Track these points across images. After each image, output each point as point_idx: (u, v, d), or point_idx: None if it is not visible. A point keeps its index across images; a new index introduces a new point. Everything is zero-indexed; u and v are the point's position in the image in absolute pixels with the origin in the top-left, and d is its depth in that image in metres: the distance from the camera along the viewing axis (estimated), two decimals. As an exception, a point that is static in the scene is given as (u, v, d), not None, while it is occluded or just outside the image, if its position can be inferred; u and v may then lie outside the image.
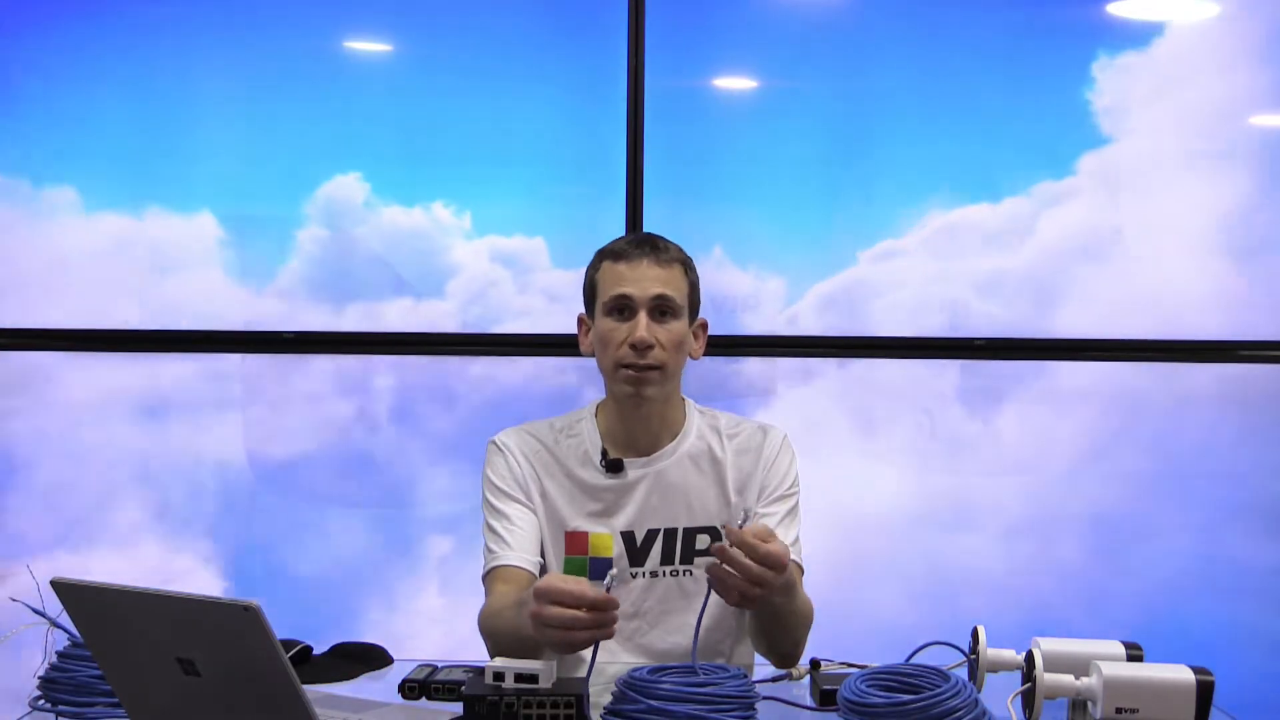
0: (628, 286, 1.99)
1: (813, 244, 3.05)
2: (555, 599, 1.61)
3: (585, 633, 1.61)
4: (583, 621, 1.60)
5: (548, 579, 1.65)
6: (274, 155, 3.06)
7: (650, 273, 1.99)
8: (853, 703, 1.52)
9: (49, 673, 1.67)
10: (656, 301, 1.98)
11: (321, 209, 3.06)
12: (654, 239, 2.05)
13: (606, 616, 1.61)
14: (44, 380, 3.09)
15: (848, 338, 3.04)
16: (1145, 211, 3.01)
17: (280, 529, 3.10)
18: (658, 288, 1.99)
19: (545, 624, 1.61)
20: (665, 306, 1.99)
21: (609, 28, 2.99)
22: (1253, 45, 3.01)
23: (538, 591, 1.63)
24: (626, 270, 2.00)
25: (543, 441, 2.08)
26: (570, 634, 1.61)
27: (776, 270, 3.04)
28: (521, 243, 3.06)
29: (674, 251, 2.04)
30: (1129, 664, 1.63)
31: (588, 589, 1.61)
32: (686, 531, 2.05)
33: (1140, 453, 3.04)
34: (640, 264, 2.00)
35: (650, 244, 2.03)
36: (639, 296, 1.98)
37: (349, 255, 3.07)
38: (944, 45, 3.03)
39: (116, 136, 3.05)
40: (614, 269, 2.01)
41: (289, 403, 3.09)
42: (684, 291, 2.02)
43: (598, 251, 2.07)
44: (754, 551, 1.68)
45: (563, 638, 1.61)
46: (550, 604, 1.61)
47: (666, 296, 1.99)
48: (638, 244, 2.03)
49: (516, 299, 3.06)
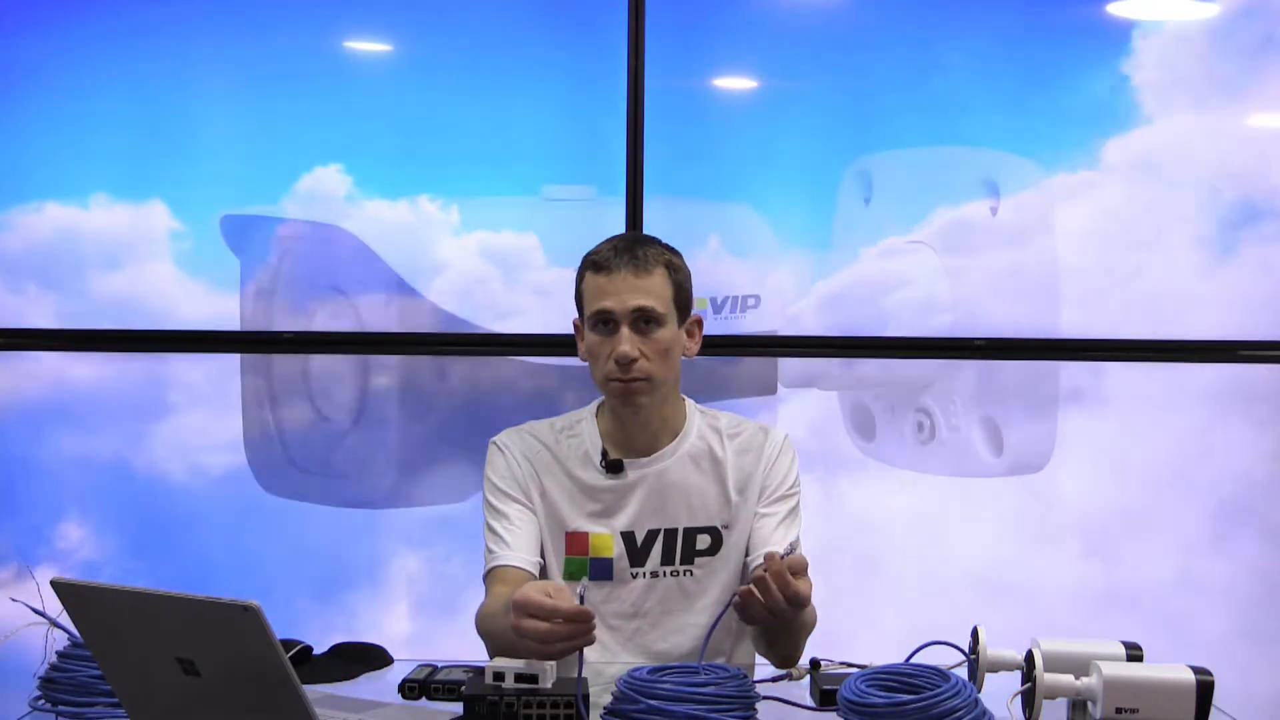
0: (607, 300, 1.97)
1: (813, 244, 3.05)
2: (531, 612, 1.62)
3: (563, 644, 1.62)
4: (559, 634, 1.62)
5: (525, 591, 1.66)
6: (268, 151, 3.06)
7: (629, 284, 1.96)
8: (853, 703, 1.52)
9: (49, 673, 1.67)
10: (637, 314, 1.96)
11: (303, 202, 3.06)
12: (635, 244, 2.02)
13: (582, 628, 1.62)
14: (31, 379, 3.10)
15: (849, 337, 3.04)
16: (1147, 212, 3.01)
17: (280, 529, 3.10)
18: (637, 299, 1.96)
19: (523, 636, 1.63)
20: (647, 317, 1.97)
21: (609, 28, 2.99)
22: (1254, 46, 3.01)
23: (515, 604, 1.64)
24: (606, 283, 1.98)
25: (543, 442, 2.08)
26: (548, 647, 1.62)
27: (776, 270, 3.04)
28: (518, 241, 3.06)
29: (654, 255, 2.00)
30: (1129, 664, 1.63)
31: (563, 602, 1.62)
32: (687, 532, 2.05)
33: (1140, 452, 3.04)
34: (618, 275, 1.97)
35: (629, 252, 1.99)
36: (619, 310, 1.96)
37: (348, 254, 3.07)
38: (944, 45, 3.03)
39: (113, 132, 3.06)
40: (595, 281, 1.99)
41: (278, 400, 3.09)
42: (667, 297, 2.00)
43: (584, 257, 2.05)
44: (786, 588, 1.70)
45: (540, 651, 1.63)
46: (527, 617, 1.63)
47: (646, 308, 1.96)
48: (617, 253, 1.99)
49: (518, 299, 3.06)
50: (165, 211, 3.05)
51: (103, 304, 3.07)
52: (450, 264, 3.06)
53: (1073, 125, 3.01)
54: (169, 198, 3.06)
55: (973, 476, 3.06)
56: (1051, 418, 3.04)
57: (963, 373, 3.04)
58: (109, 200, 3.06)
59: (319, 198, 3.06)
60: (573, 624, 1.62)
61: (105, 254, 3.07)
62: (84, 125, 3.05)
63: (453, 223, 3.06)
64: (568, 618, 1.61)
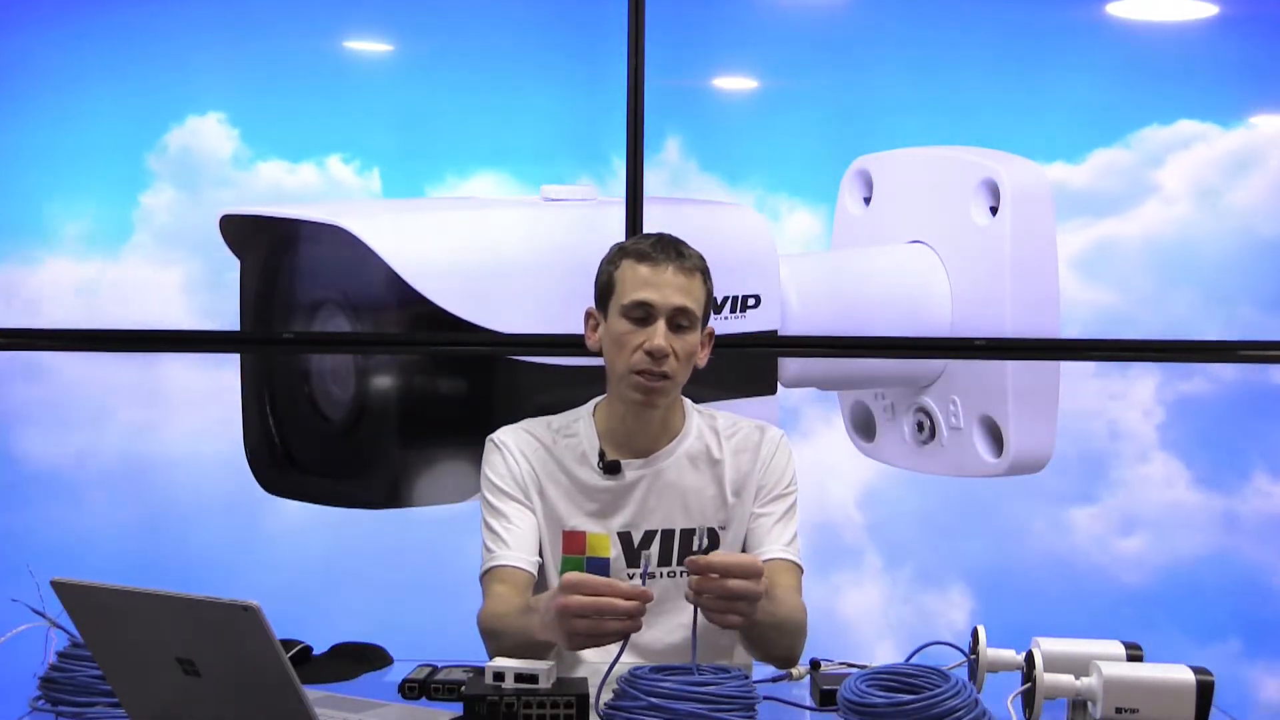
0: (650, 293, 1.97)
1: (812, 243, 3.05)
2: (586, 590, 1.61)
3: (615, 623, 1.61)
4: (617, 609, 1.60)
5: (575, 574, 1.65)
6: (268, 151, 3.06)
7: (674, 280, 1.97)
8: (853, 703, 1.52)
9: (49, 673, 1.67)
10: (676, 312, 1.97)
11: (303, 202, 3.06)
12: (677, 243, 2.02)
13: (639, 608, 1.61)
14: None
15: (849, 337, 3.03)
16: (1148, 212, 3.01)
17: (281, 529, 3.10)
18: (679, 298, 1.97)
19: (575, 614, 1.61)
20: (684, 318, 1.98)
21: (609, 28, 2.99)
22: (1253, 47, 3.01)
23: (566, 583, 1.63)
24: (650, 275, 1.97)
25: (540, 440, 2.08)
26: (600, 623, 1.60)
27: (776, 270, 3.03)
28: (517, 241, 3.06)
29: (695, 260, 2.02)
30: (1129, 664, 1.63)
31: (618, 583, 1.62)
32: (684, 532, 2.05)
33: (1140, 452, 3.04)
34: (664, 270, 1.97)
35: (675, 249, 2.00)
36: (660, 304, 1.96)
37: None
38: (944, 45, 3.03)
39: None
40: (636, 270, 1.99)
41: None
42: (701, 302, 2.01)
43: (617, 247, 2.05)
44: (728, 569, 1.67)
45: (588, 628, 1.61)
46: (581, 594, 1.61)
47: (687, 309, 1.97)
48: (662, 248, 2.00)
49: (518, 300, 3.06)
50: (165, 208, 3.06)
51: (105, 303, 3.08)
52: (450, 264, 3.06)
53: (1073, 125, 3.01)
54: (170, 196, 3.06)
55: (973, 476, 3.06)
56: (1052, 418, 3.04)
57: (963, 373, 3.04)
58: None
59: (319, 198, 3.06)
60: (631, 603, 1.60)
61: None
62: (78, 122, 3.05)
63: (453, 222, 3.06)
64: (627, 596, 1.60)
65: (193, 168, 3.06)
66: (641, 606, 1.61)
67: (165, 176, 3.07)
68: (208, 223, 3.03)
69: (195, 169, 3.06)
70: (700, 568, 1.67)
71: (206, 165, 3.07)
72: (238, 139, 3.06)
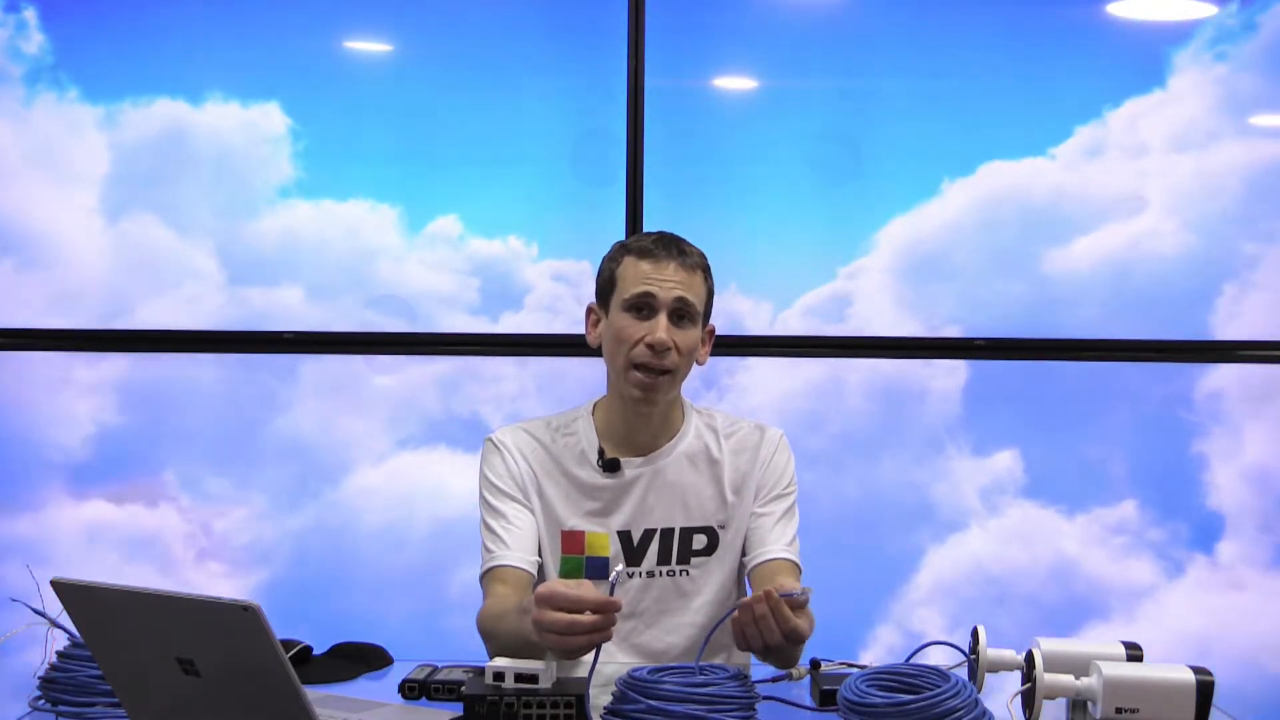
0: (652, 286, 1.97)
1: (812, 243, 3.05)
2: (556, 604, 1.60)
3: (583, 637, 1.61)
4: (581, 625, 1.60)
5: (550, 584, 1.65)
6: (268, 152, 3.06)
7: (676, 275, 1.98)
8: (853, 703, 1.52)
9: (49, 673, 1.67)
10: (678, 305, 1.98)
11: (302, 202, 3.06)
12: (679, 241, 2.04)
13: (607, 620, 1.61)
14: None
15: (848, 337, 3.04)
16: (1147, 211, 3.01)
17: (281, 529, 3.11)
18: (680, 291, 1.98)
19: (545, 629, 1.61)
20: (685, 311, 1.98)
21: (609, 28, 2.99)
22: (1254, 47, 3.01)
23: (539, 597, 1.63)
24: (651, 269, 1.98)
25: (539, 440, 2.08)
26: (569, 639, 1.61)
27: (777, 269, 3.04)
28: (517, 241, 3.06)
29: (697, 257, 2.03)
30: (1129, 664, 1.63)
31: (589, 592, 1.61)
32: (683, 531, 2.04)
33: (1139, 451, 3.04)
34: (666, 265, 1.98)
35: (677, 246, 2.02)
36: (662, 297, 1.97)
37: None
38: (944, 45, 3.03)
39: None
40: (638, 266, 2.00)
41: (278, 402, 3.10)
42: (702, 298, 2.02)
43: (618, 244, 2.06)
44: (785, 623, 1.69)
45: (559, 643, 1.61)
46: (551, 609, 1.61)
47: (688, 301, 1.98)
48: (664, 244, 2.01)
49: (518, 300, 3.06)
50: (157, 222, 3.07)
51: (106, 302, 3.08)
52: (450, 264, 3.06)
53: (1072, 124, 3.01)
54: (161, 209, 3.06)
55: (975, 477, 3.05)
56: (1052, 418, 3.04)
57: (963, 373, 3.04)
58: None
59: (318, 197, 3.06)
60: (597, 616, 1.60)
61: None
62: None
63: (453, 223, 3.06)
64: (595, 608, 1.60)
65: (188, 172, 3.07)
66: (611, 618, 1.61)
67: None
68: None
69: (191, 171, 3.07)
70: (772, 605, 1.69)
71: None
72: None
